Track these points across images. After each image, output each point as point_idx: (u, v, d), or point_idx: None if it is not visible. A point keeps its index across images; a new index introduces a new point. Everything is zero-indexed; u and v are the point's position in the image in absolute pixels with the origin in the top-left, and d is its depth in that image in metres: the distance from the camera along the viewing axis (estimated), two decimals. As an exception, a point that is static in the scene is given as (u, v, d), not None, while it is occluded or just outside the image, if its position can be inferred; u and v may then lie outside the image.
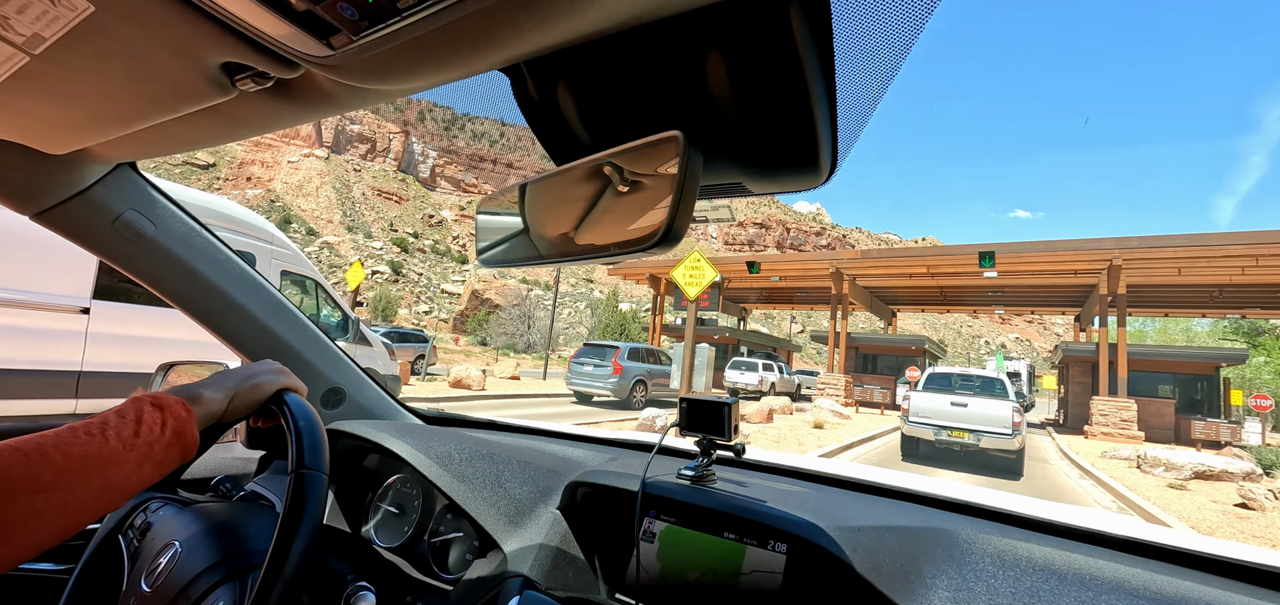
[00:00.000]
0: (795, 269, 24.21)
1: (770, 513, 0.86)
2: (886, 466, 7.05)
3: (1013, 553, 0.83)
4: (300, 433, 0.74)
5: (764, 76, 0.38)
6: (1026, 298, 24.81)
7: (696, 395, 0.99)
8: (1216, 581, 0.80)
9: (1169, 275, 18.68)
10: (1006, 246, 18.59)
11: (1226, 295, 19.94)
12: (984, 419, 9.46)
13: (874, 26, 0.36)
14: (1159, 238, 16.82)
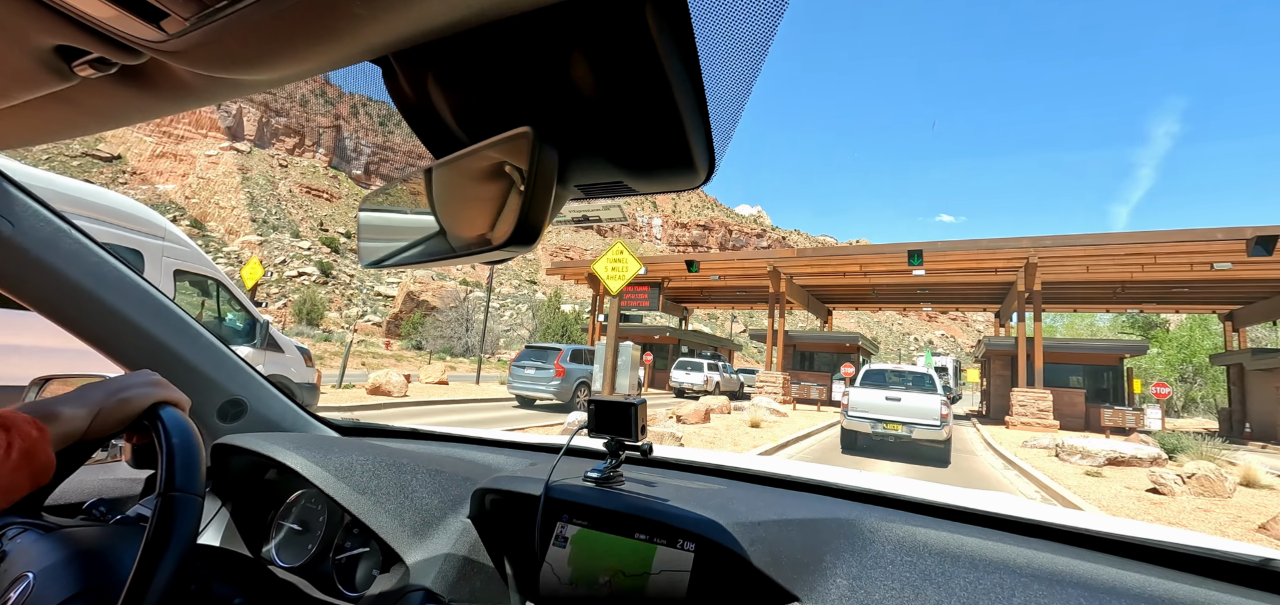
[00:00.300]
0: (734, 268, 24.23)
1: (670, 511, 0.87)
2: (823, 462, 6.97)
3: (912, 539, 0.86)
4: (173, 450, 0.69)
5: (626, 76, 0.39)
6: (951, 295, 25.85)
7: (604, 397, 0.99)
8: (1097, 557, 0.85)
9: (1078, 273, 19.80)
10: (933, 245, 19.19)
11: (1128, 291, 21.38)
12: (915, 412, 10.02)
13: (732, 27, 0.36)
14: (1070, 237, 17.75)
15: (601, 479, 0.98)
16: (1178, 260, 17.38)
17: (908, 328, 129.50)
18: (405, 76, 0.46)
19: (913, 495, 1.09)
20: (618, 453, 1.00)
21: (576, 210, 5.90)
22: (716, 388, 26.32)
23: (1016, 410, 17.64)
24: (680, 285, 28.06)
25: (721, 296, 31.26)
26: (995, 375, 23.14)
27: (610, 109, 0.41)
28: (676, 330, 30.27)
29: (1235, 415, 22.38)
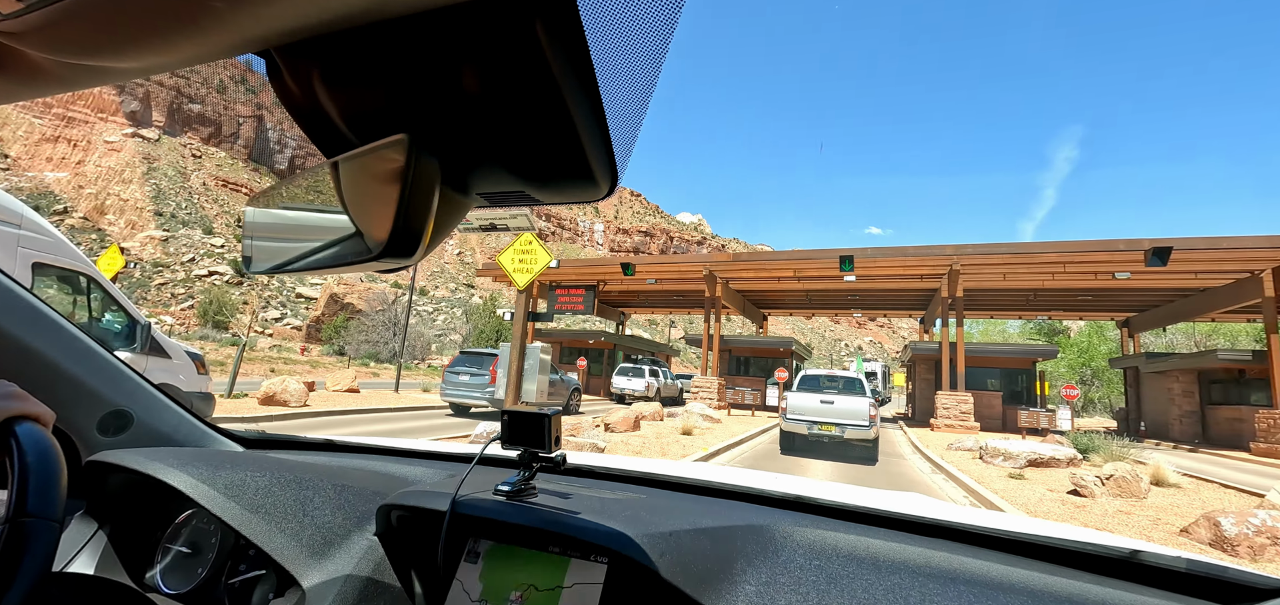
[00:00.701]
0: (671, 272, 23.85)
1: (580, 524, 0.86)
2: (758, 468, 6.63)
3: (823, 542, 0.90)
4: (26, 471, 0.64)
5: (518, 88, 0.38)
6: (880, 301, 26.53)
7: (516, 407, 0.97)
8: (989, 554, 0.88)
9: (996, 280, 20.64)
10: (863, 252, 19.47)
11: (1039, 298, 22.54)
12: (847, 414, 10.78)
13: (628, 41, 0.36)
14: (989, 245, 18.41)
15: (513, 492, 0.95)
16: (1084, 269, 18.35)
17: (839, 334, 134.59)
18: (289, 72, 0.44)
19: (828, 499, 1.11)
20: (531, 464, 0.98)
21: (483, 218, 5.28)
22: (657, 393, 25.92)
23: (941, 413, 18.06)
24: (616, 289, 27.44)
25: (659, 301, 30.88)
26: (920, 379, 23.83)
27: (504, 120, 0.40)
28: (613, 335, 29.60)
29: (1131, 414, 24.04)
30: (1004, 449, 10.69)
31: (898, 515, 1.04)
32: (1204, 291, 19.38)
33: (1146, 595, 0.80)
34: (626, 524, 0.84)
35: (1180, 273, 18.40)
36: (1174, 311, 21.53)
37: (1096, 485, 7.73)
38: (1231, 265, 17.07)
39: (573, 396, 18.15)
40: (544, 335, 30.74)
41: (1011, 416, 20.20)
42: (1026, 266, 18.72)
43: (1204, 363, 19.44)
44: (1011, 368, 21.04)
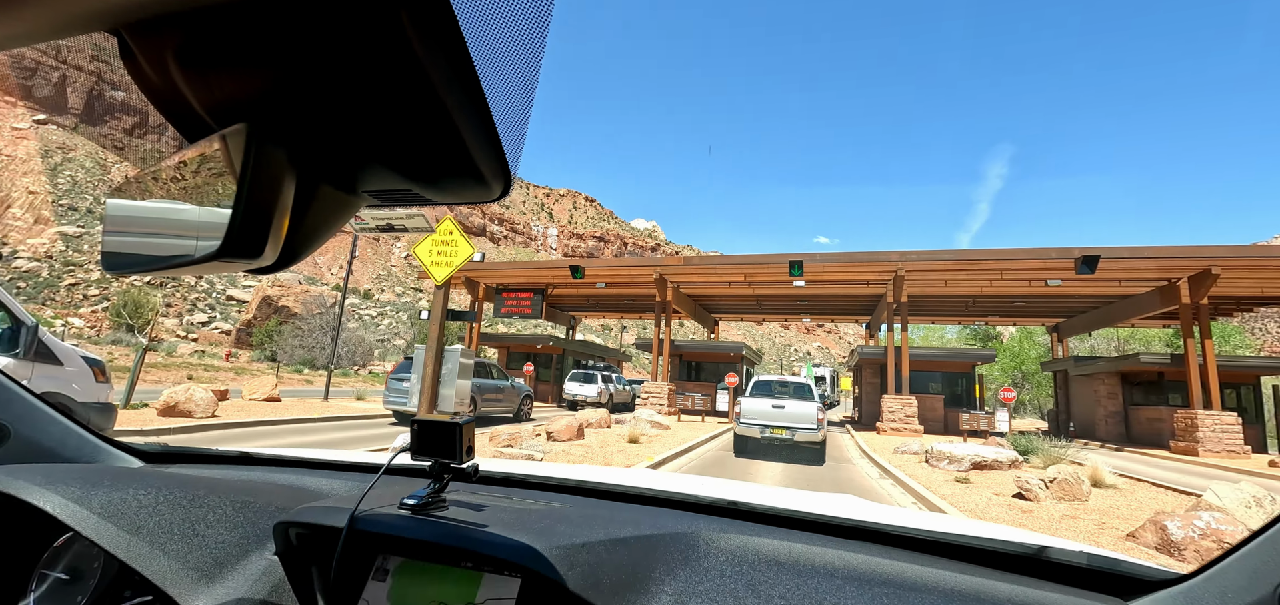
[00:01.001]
0: (621, 275, 23.34)
1: (485, 538, 0.84)
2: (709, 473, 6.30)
3: (748, 548, 0.90)
4: None
5: (386, 79, 0.36)
6: (828, 307, 26.84)
7: (427, 417, 0.95)
8: (906, 555, 0.90)
9: (938, 287, 21.12)
10: (813, 257, 19.53)
11: (978, 304, 23.25)
12: (796, 418, 11.31)
13: (502, 32, 0.35)
14: (932, 252, 18.78)
15: (419, 505, 0.91)
16: (1019, 276, 18.96)
17: (789, 339, 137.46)
18: (141, 53, 0.41)
19: (758, 503, 1.11)
20: (442, 475, 0.96)
21: (378, 219, 4.70)
22: (610, 400, 25.31)
23: (887, 416, 18.23)
24: (566, 292, 26.72)
25: (610, 305, 30.32)
26: (866, 383, 24.16)
27: (373, 113, 0.39)
28: (563, 340, 28.82)
29: (1061, 415, 25.13)
30: (949, 453, 10.66)
31: (825, 518, 1.06)
32: (1127, 298, 20.39)
33: (1049, 591, 0.84)
34: (536, 537, 0.83)
35: (1106, 280, 19.28)
36: (1100, 317, 22.62)
37: (1041, 489, 7.67)
38: (1152, 273, 17.96)
39: (524, 403, 17.45)
40: (491, 340, 29.66)
41: (953, 419, 20.66)
42: (966, 273, 19.20)
43: (1127, 366, 20.44)
44: (952, 371, 21.57)
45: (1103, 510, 7.29)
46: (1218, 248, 16.74)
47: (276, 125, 0.37)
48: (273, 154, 0.37)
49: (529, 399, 17.84)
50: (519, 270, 24.82)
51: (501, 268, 25.56)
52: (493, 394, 15.60)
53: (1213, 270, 16.54)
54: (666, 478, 1.36)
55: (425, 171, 0.42)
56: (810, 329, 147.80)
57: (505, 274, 25.23)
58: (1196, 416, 16.50)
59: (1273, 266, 16.81)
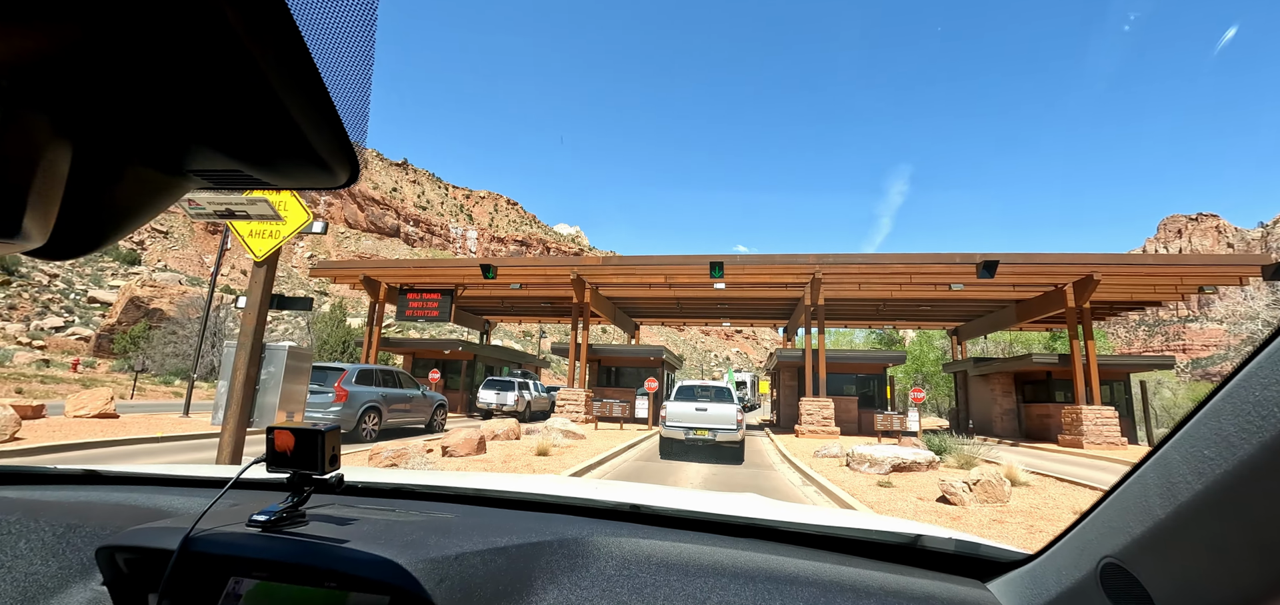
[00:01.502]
0: (537, 276, 22.07)
1: (343, 554, 0.79)
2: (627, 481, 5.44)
3: (639, 552, 0.89)
4: None
5: (196, 51, 0.33)
6: (748, 310, 26.85)
7: (287, 424, 0.88)
8: (789, 549, 0.93)
9: (852, 290, 21.52)
10: (733, 259, 19.23)
11: (888, 308, 24.00)
12: (718, 419, 11.85)
13: (332, 6, 0.34)
14: (848, 255, 19.03)
15: (272, 521, 0.85)
16: (926, 280, 19.61)
17: (709, 345, 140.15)
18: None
19: (657, 505, 1.10)
20: (302, 487, 0.89)
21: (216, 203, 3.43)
22: (527, 408, 23.88)
23: (805, 419, 18.16)
24: (478, 294, 25.02)
25: (526, 308, 28.85)
26: (784, 386, 24.28)
27: (187, 90, 0.36)
28: (475, 346, 27.01)
29: (961, 414, 26.48)
30: (869, 455, 10.39)
31: (721, 518, 1.06)
32: (1020, 302, 21.69)
33: (920, 577, 0.88)
34: (403, 550, 0.79)
35: (1002, 285, 20.35)
36: (995, 320, 24.00)
37: (964, 492, 7.36)
38: (1042, 279, 19.10)
39: (437, 414, 15.94)
40: (395, 345, 27.32)
41: (867, 420, 21.05)
42: (879, 276, 19.62)
43: (1020, 366, 21.71)
44: (865, 373, 22.04)
45: (1026, 510, 7.06)
46: (1099, 256, 18.03)
47: (37, 89, 0.32)
48: (31, 120, 0.32)
49: (443, 409, 16.41)
50: (425, 269, 22.90)
51: (406, 266, 23.52)
52: (400, 404, 14.08)
53: (1094, 276, 17.76)
54: (565, 483, 1.34)
55: (256, 153, 0.38)
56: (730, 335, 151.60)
57: (410, 273, 23.21)
58: (1081, 411, 17.61)
59: (1142, 273, 18.32)
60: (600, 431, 17.13)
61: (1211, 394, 0.54)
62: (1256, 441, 0.47)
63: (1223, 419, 0.51)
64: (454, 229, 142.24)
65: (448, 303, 23.20)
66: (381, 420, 13.20)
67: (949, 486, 7.50)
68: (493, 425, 12.94)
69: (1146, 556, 0.61)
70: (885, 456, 10.20)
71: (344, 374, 12.46)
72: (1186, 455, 0.55)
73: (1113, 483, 0.70)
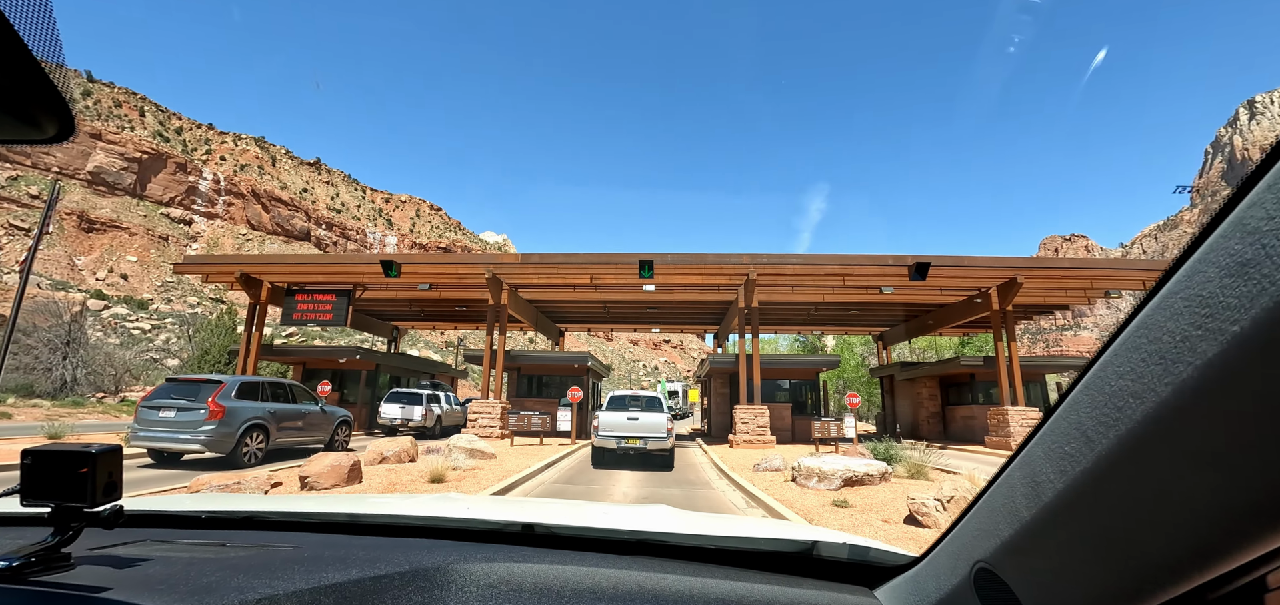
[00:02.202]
0: (448, 275, 19.82)
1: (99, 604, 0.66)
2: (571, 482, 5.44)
3: (511, 578, 0.81)
4: None
5: None
6: (678, 315, 25.70)
7: (47, 446, 0.76)
8: (678, 565, 0.89)
9: (785, 294, 20.83)
10: (663, 257, 17.94)
11: (819, 313, 23.57)
12: (648, 428, 12.00)
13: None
14: (782, 256, 18.23)
15: (9, 570, 0.69)
16: (859, 282, 19.18)
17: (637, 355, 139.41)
18: None
19: (552, 523, 1.05)
20: (66, 523, 0.76)
21: None
22: (438, 423, 21.41)
23: (740, 428, 17.06)
24: (382, 296, 22.34)
25: (440, 313, 26.29)
26: (716, 394, 23.25)
27: None
28: (377, 354, 24.17)
29: (888, 418, 26.55)
30: (817, 469, 9.23)
31: (615, 534, 1.02)
32: (944, 306, 21.81)
33: (810, 588, 0.86)
34: (186, 598, 0.66)
35: (930, 289, 20.29)
36: (920, 325, 24.17)
37: (938, 510, 6.24)
38: (968, 281, 19.14)
39: (339, 431, 13.75)
40: (281, 354, 23.97)
41: (802, 428, 20.33)
42: (813, 277, 18.99)
43: (947, 369, 21.80)
44: (798, 379, 21.38)
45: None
46: (1021, 259, 18.21)
47: None
48: None
49: (347, 426, 14.22)
50: (317, 267, 20.05)
51: (294, 262, 20.51)
52: (292, 422, 12.07)
53: (1018, 278, 17.89)
54: (448, 502, 1.22)
55: None
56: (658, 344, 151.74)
57: (299, 270, 20.25)
58: (1007, 412, 17.61)
59: (1057, 276, 18.71)
60: (517, 448, 15.20)
61: (1071, 387, 0.53)
62: (1112, 434, 0.46)
63: (1081, 412, 0.50)
64: (372, 234, 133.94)
65: (344, 305, 20.43)
66: (269, 440, 11.40)
67: (919, 505, 6.36)
68: (382, 446, 10.80)
69: (1013, 559, 0.59)
70: (835, 469, 9.07)
71: (220, 388, 10.87)
72: (1049, 452, 0.54)
73: (983, 485, 0.66)
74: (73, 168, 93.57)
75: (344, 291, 20.46)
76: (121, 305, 72.04)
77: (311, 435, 12.72)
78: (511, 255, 18.42)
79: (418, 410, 19.96)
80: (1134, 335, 0.47)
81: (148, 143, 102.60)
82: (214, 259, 20.47)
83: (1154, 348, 0.44)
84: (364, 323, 26.55)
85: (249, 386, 11.51)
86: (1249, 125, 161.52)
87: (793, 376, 21.27)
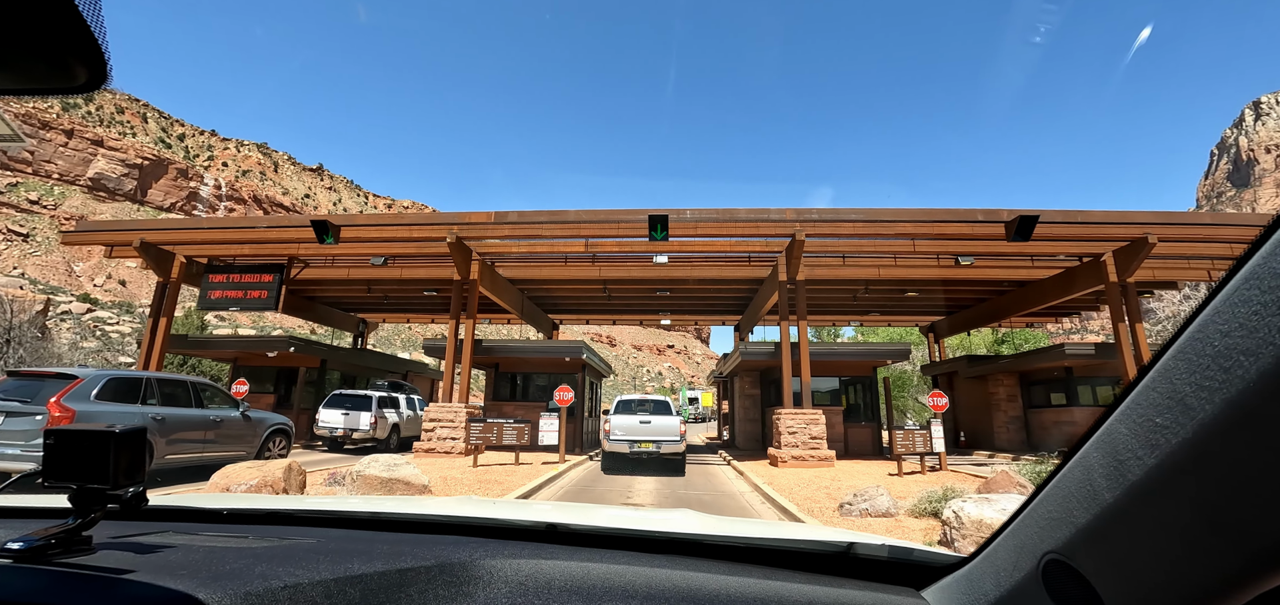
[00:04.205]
0: (402, 241, 15.46)
1: (126, 589, 0.65)
2: None
3: (539, 576, 0.80)
4: None
5: None
6: (695, 300, 21.34)
7: (69, 426, 0.76)
8: (713, 565, 0.86)
9: (834, 266, 16.46)
10: (681, 214, 13.61)
11: (869, 295, 19.13)
12: (661, 431, 11.70)
13: None
14: (838, 210, 13.87)
15: (30, 550, 0.69)
16: (934, 248, 14.85)
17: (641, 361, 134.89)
18: None
19: (578, 523, 1.03)
20: (88, 507, 0.75)
21: None
22: (393, 433, 16.98)
23: (786, 439, 12.64)
24: (329, 277, 18.04)
25: (410, 301, 22.00)
26: (742, 395, 18.84)
27: None
28: (322, 347, 19.84)
29: (947, 423, 22.06)
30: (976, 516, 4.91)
31: (645, 534, 1.00)
32: (1030, 285, 17.38)
33: (852, 588, 0.83)
34: (210, 582, 0.65)
35: (1019, 258, 15.97)
36: (989, 310, 19.74)
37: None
38: (1076, 246, 14.76)
39: (271, 441, 10.88)
40: (207, 346, 19.65)
41: (859, 438, 15.92)
42: (873, 242, 14.66)
43: (1035, 362, 17.35)
44: (853, 375, 16.94)
45: None
46: (1151, 214, 13.83)
47: None
48: None
49: (283, 435, 11.05)
50: (236, 231, 15.72)
51: (209, 229, 16.19)
52: (195, 432, 9.45)
53: (1150, 237, 13.48)
54: (473, 503, 1.21)
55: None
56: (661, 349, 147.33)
57: (213, 236, 15.94)
58: (1141, 419, 13.18)
59: (1202, 233, 14.27)
60: (480, 471, 10.84)
61: (1159, 352, 0.49)
62: (1218, 400, 0.41)
63: (1176, 379, 0.46)
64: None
65: (277, 284, 16.12)
66: (155, 456, 8.75)
67: None
68: (237, 474, 6.50)
69: (1092, 548, 0.55)
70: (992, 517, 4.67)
71: (72, 384, 8.26)
72: (1136, 426, 0.49)
73: (1052, 468, 0.63)
74: (73, 174, 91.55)
75: (276, 267, 16.17)
76: (106, 309, 68.06)
77: (228, 448, 10.06)
78: (482, 214, 14.10)
79: (364, 417, 15.59)
80: (1243, 286, 0.41)
81: (149, 149, 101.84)
82: (109, 225, 16.27)
83: (1270, 296, 0.39)
84: (323, 314, 22.29)
85: (125, 384, 8.94)
86: (1254, 126, 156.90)
87: (846, 371, 16.82)
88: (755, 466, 12.68)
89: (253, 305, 16.02)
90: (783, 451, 12.46)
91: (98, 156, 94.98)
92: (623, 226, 13.88)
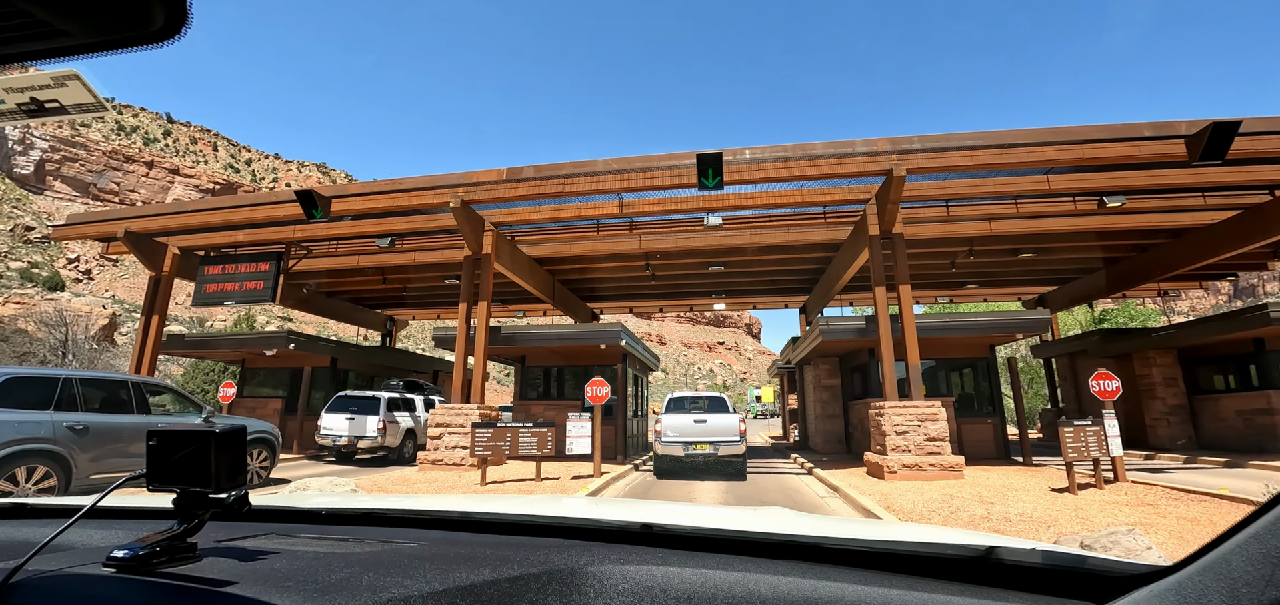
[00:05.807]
0: (401, 213, 13.09)
1: (227, 601, 0.63)
2: None
3: (652, 582, 0.76)
4: None
5: None
6: (752, 276, 18.20)
7: (170, 427, 0.72)
8: (829, 570, 0.80)
9: (934, 223, 13.08)
10: (739, 155, 10.61)
11: (976, 255, 15.47)
12: (718, 431, 10.44)
13: None
14: (946, 137, 10.52)
15: (135, 559, 0.66)
16: (1075, 184, 11.29)
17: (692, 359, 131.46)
18: None
19: (674, 524, 0.98)
20: (191, 511, 0.72)
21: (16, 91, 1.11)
22: (408, 439, 14.68)
23: (893, 439, 9.41)
24: (338, 267, 15.97)
25: (433, 294, 19.84)
26: (819, 387, 15.58)
27: None
28: (323, 343, 17.84)
29: (1070, 412, 18.07)
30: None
31: (753, 536, 0.94)
32: (1190, 232, 13.40)
33: (1008, 599, 0.73)
34: (318, 596, 0.63)
35: (1188, 195, 12.19)
36: (1121, 274, 15.73)
37: None
38: (1271, 173, 10.91)
39: (248, 454, 9.19)
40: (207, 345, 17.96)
41: (975, 436, 12.44)
42: (993, 178, 11.24)
43: (1205, 335, 13.36)
44: (966, 357, 13.41)
45: None
46: None
47: None
48: None
49: (268, 446, 9.30)
50: (226, 212, 13.73)
51: (198, 211, 14.27)
52: (134, 444, 7.69)
53: None
54: (559, 502, 1.18)
55: None
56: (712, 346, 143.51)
57: (212, 217, 14.02)
58: None
59: None
60: (489, 490, 8.19)
61: None
62: None
63: None
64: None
65: (274, 273, 14.12)
66: (77, 472, 7.15)
67: None
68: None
69: None
70: None
71: None
72: None
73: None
74: (155, 201, 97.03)
75: (273, 255, 14.17)
76: (180, 324, 70.70)
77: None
78: (492, 171, 11.50)
79: (372, 422, 13.30)
80: None
81: (220, 174, 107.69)
82: (95, 216, 14.68)
83: None
84: (347, 312, 20.44)
85: (32, 384, 7.23)
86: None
87: (955, 352, 13.34)
88: (850, 477, 9.53)
89: (249, 297, 14.09)
90: (889, 457, 9.24)
91: (175, 184, 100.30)
92: (665, 176, 10.97)
